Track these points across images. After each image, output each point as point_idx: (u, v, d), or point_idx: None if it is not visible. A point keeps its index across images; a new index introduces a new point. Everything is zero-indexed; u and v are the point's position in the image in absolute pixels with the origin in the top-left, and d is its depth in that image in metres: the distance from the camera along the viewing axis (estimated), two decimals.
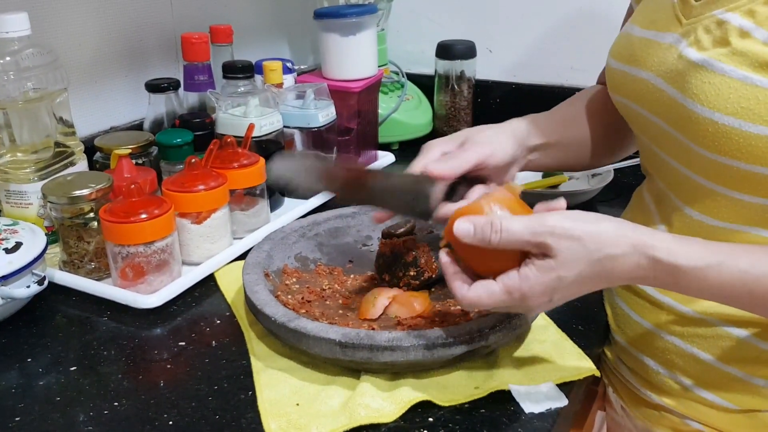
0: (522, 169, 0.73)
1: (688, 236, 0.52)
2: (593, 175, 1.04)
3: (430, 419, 0.56)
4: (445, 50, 1.24)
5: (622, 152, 0.80)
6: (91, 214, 0.75)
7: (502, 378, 0.60)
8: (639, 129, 0.66)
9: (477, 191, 0.63)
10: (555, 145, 0.74)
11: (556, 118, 0.76)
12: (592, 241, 0.50)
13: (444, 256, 0.56)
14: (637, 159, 0.73)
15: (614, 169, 1.02)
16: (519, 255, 0.52)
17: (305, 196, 0.97)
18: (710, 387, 0.63)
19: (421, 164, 0.65)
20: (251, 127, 0.88)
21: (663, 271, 0.51)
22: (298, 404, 0.57)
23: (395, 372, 0.60)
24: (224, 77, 0.98)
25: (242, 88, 0.96)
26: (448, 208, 0.61)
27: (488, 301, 0.53)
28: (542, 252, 0.51)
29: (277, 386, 0.60)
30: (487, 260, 0.53)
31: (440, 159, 0.65)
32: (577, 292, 0.53)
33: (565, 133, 0.75)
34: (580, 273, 0.50)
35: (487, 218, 0.52)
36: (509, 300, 0.52)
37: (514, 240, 0.51)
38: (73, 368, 0.64)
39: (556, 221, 0.51)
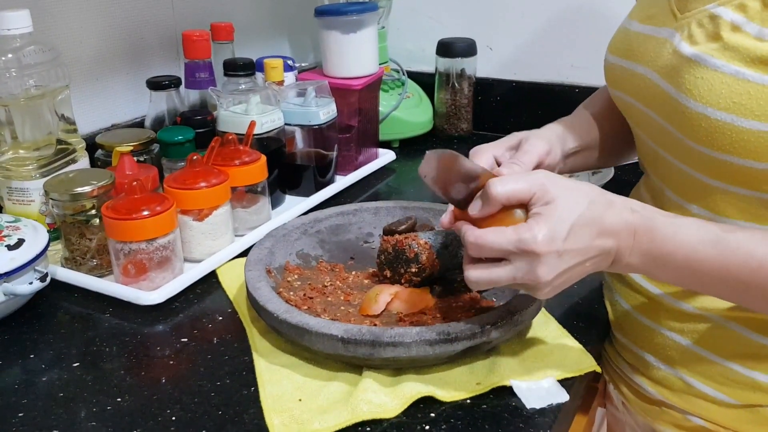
0: None
1: None
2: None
3: (432, 414, 0.56)
4: (446, 48, 1.24)
5: (633, 153, 0.80)
6: (93, 211, 0.76)
7: (503, 374, 0.60)
8: (636, 124, 0.67)
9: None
10: (586, 149, 0.74)
11: (584, 121, 0.76)
12: (580, 192, 0.53)
13: (459, 223, 0.56)
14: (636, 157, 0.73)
15: (614, 167, 1.02)
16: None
17: (308, 192, 0.98)
18: (711, 382, 0.63)
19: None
20: (252, 124, 0.88)
21: (641, 224, 0.53)
22: (300, 400, 0.58)
23: (397, 368, 0.60)
24: (225, 75, 0.98)
25: (243, 86, 0.97)
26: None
27: (493, 236, 0.52)
28: (542, 200, 0.52)
29: (280, 382, 0.60)
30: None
31: (505, 165, 0.64)
32: (581, 244, 0.52)
33: (591, 137, 0.75)
34: (579, 216, 0.51)
35: (489, 182, 0.54)
36: (516, 241, 0.51)
37: (516, 187, 0.53)
38: (75, 364, 0.64)
39: (546, 174, 0.54)
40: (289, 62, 1.08)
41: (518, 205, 0.53)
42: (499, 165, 0.66)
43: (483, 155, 0.66)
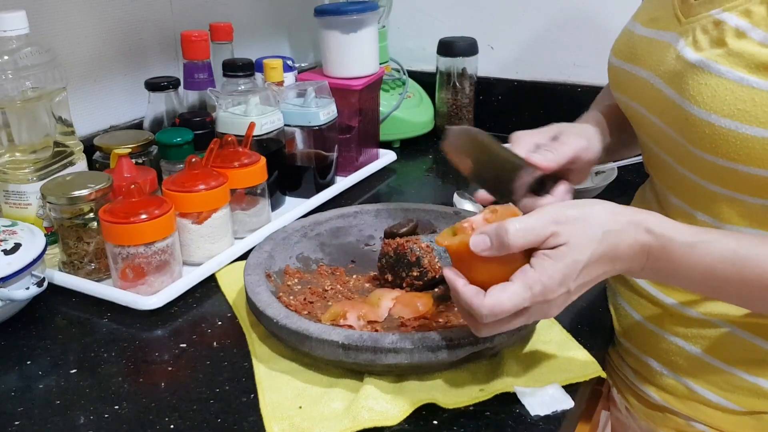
0: None
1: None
2: (597, 173, 1.03)
3: (435, 422, 0.56)
4: (447, 47, 1.23)
5: (632, 149, 0.79)
6: (91, 215, 0.75)
7: (507, 380, 0.59)
8: (639, 128, 0.66)
9: (562, 188, 0.63)
10: (613, 143, 0.73)
11: (603, 119, 0.74)
12: (594, 221, 0.51)
13: (449, 271, 0.53)
14: (640, 157, 0.72)
15: (618, 167, 1.01)
16: (525, 260, 0.51)
17: (308, 194, 0.97)
18: (715, 388, 0.62)
19: (521, 151, 0.63)
20: (252, 125, 0.87)
21: (656, 246, 0.51)
22: (300, 407, 0.57)
23: (399, 374, 0.59)
24: (224, 75, 0.97)
25: (243, 87, 0.96)
26: (532, 201, 0.62)
27: (508, 302, 0.49)
28: (552, 244, 0.50)
29: (280, 389, 0.59)
30: (494, 272, 0.51)
31: (540, 151, 0.63)
32: (590, 277, 0.51)
33: (608, 133, 0.73)
34: (592, 254, 0.50)
35: (497, 224, 0.50)
36: (530, 297, 0.49)
37: (529, 236, 0.49)
38: (73, 371, 0.63)
39: (557, 210, 0.51)
40: (289, 62, 1.07)
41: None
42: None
43: (524, 140, 0.65)
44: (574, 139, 0.65)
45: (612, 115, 0.74)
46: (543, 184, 0.63)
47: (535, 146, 0.65)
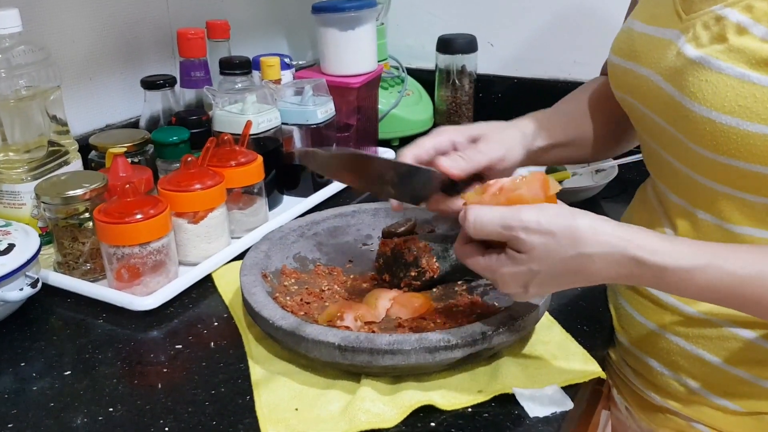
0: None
1: (672, 236, 0.53)
2: (597, 171, 1.02)
3: (432, 424, 0.55)
4: (446, 44, 1.22)
5: (626, 144, 0.78)
6: (86, 215, 0.74)
7: (505, 381, 0.58)
8: (640, 126, 0.65)
9: (477, 188, 0.61)
10: (559, 145, 0.72)
11: (561, 117, 0.74)
12: (566, 237, 0.49)
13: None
14: (641, 154, 0.71)
15: (618, 165, 1.00)
16: None
17: (307, 193, 0.96)
18: (716, 389, 0.62)
19: (429, 146, 0.63)
20: (249, 124, 0.86)
21: (647, 272, 0.49)
22: (297, 409, 0.56)
23: (396, 375, 0.59)
24: (221, 73, 0.96)
25: (239, 85, 0.95)
26: (440, 205, 0.63)
27: (471, 263, 0.55)
28: (514, 247, 0.51)
29: (276, 390, 0.58)
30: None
31: (452, 156, 0.62)
32: (555, 286, 0.54)
33: (570, 131, 0.73)
34: (552, 268, 0.50)
35: (467, 207, 0.53)
36: (488, 275, 0.54)
37: (485, 232, 0.52)
38: (67, 372, 0.62)
39: (530, 216, 0.50)
40: (286, 60, 1.06)
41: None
42: (455, 150, 0.64)
43: (442, 136, 0.65)
44: (493, 147, 0.64)
45: (580, 111, 0.74)
46: (454, 185, 0.62)
47: (452, 144, 0.64)
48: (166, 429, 0.55)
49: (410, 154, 0.63)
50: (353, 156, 0.57)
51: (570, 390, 0.58)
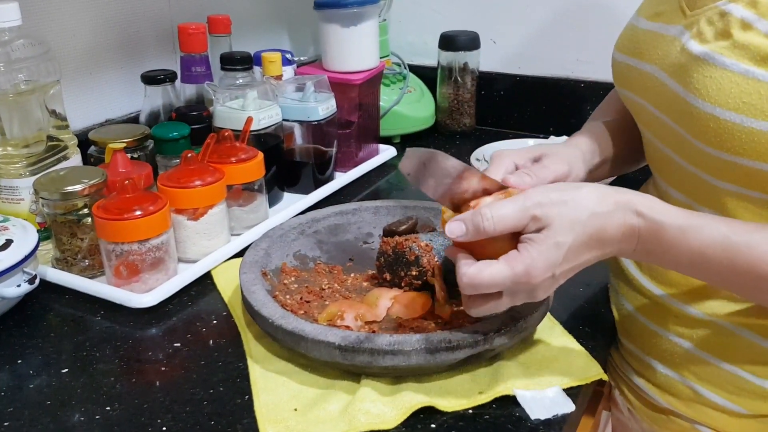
0: None
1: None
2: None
3: (433, 425, 0.54)
4: (448, 41, 1.22)
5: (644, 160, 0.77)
6: (85, 210, 0.73)
7: (507, 382, 0.58)
8: (643, 123, 0.64)
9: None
10: (605, 162, 0.71)
11: (602, 134, 0.72)
12: (579, 204, 0.51)
13: (450, 248, 0.55)
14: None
15: None
16: (515, 242, 0.51)
17: (307, 190, 0.96)
18: (720, 390, 0.61)
19: (496, 175, 0.61)
20: (249, 120, 0.86)
21: (646, 229, 0.51)
22: (296, 409, 0.56)
23: (397, 376, 0.58)
24: (222, 69, 0.96)
25: (240, 80, 0.94)
26: None
27: (488, 276, 0.50)
28: (536, 227, 0.51)
29: (275, 390, 0.58)
30: (487, 255, 0.52)
31: (518, 173, 0.61)
32: (577, 261, 0.52)
33: (609, 148, 0.72)
34: (576, 237, 0.50)
35: (472, 211, 0.52)
36: (511, 276, 0.50)
37: (506, 221, 0.50)
38: (64, 370, 0.62)
39: (540, 194, 0.51)
40: (288, 56, 1.05)
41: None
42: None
43: (504, 160, 0.63)
44: (557, 165, 0.63)
45: (615, 128, 0.72)
46: None
47: (515, 167, 0.63)
48: (164, 429, 0.54)
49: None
50: (435, 157, 0.55)
51: (572, 392, 0.58)
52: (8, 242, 0.68)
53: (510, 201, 0.51)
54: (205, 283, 0.76)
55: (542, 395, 0.57)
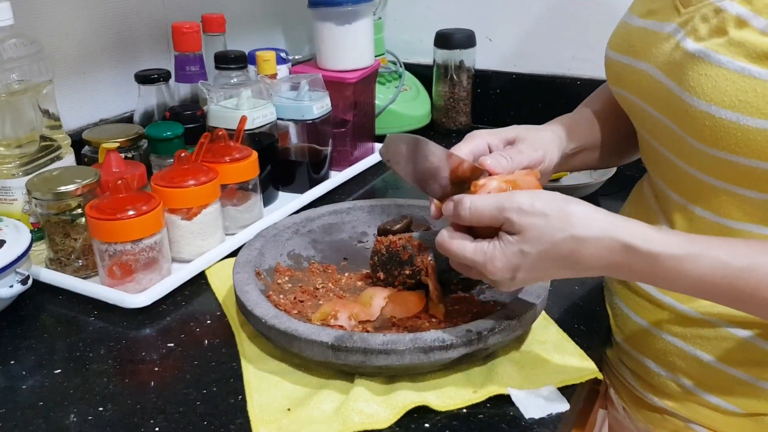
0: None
1: (666, 228, 0.52)
2: (595, 168, 1.01)
3: (427, 425, 0.54)
4: (444, 39, 1.21)
5: (634, 153, 0.77)
6: (79, 210, 0.73)
7: (501, 381, 0.58)
8: (638, 122, 0.64)
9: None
10: (585, 149, 0.71)
11: (586, 122, 0.73)
12: (559, 220, 0.50)
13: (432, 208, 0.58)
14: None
15: None
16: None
17: (302, 189, 0.95)
18: (714, 390, 0.61)
19: (467, 151, 0.62)
20: (243, 119, 0.85)
21: (638, 259, 0.49)
22: (289, 409, 0.55)
23: (390, 375, 0.58)
24: (216, 68, 0.95)
25: (235, 79, 0.94)
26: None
27: (455, 247, 0.54)
28: (507, 230, 0.51)
29: (268, 390, 0.58)
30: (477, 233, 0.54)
31: (494, 155, 0.61)
32: (543, 274, 0.52)
33: (594, 136, 0.72)
34: (544, 252, 0.50)
35: (459, 196, 0.53)
36: (472, 261, 0.53)
37: (481, 216, 0.52)
38: (57, 371, 0.62)
39: (525, 198, 0.51)
40: (282, 55, 1.05)
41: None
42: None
43: (477, 140, 0.63)
44: (531, 151, 0.63)
45: (601, 117, 0.72)
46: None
47: (488, 147, 0.63)
48: (156, 429, 0.54)
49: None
50: (417, 142, 0.55)
51: (566, 390, 0.58)
52: (1, 243, 0.68)
53: (493, 197, 0.52)
54: (199, 283, 0.76)
55: (537, 394, 0.57)
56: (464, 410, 0.56)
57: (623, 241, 0.49)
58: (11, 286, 0.66)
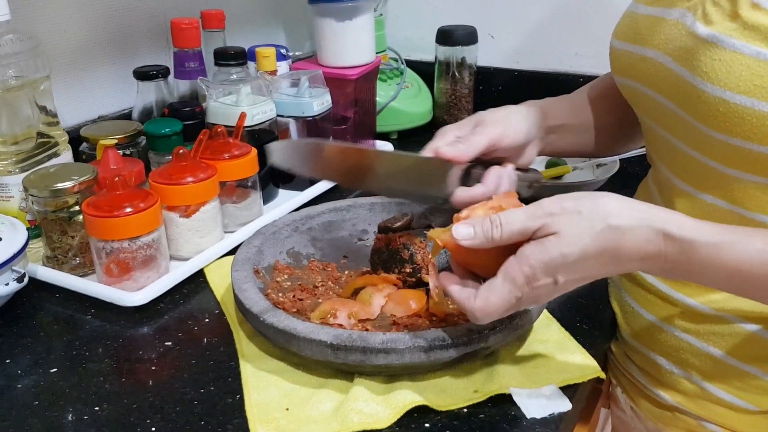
0: (539, 153, 0.69)
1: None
2: (598, 166, 1.01)
3: (427, 425, 0.54)
4: (446, 36, 1.20)
5: (631, 143, 0.77)
6: (76, 208, 0.72)
7: (502, 381, 0.57)
8: (645, 112, 0.63)
9: (493, 173, 0.61)
10: (570, 128, 0.71)
11: (569, 102, 0.73)
12: (594, 213, 0.47)
13: (442, 277, 0.53)
14: (644, 149, 0.70)
15: (620, 159, 0.99)
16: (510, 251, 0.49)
17: (302, 186, 0.94)
18: (728, 387, 0.60)
19: (432, 147, 0.62)
20: (243, 116, 0.85)
21: (674, 248, 0.47)
22: (287, 409, 0.55)
23: (390, 375, 0.57)
24: (216, 64, 0.95)
25: (234, 76, 0.93)
26: (464, 193, 0.60)
27: (496, 299, 0.48)
28: (541, 234, 0.48)
29: (267, 389, 0.57)
30: (490, 263, 0.50)
31: (453, 142, 0.61)
32: (585, 274, 0.48)
33: (580, 116, 0.72)
34: (584, 248, 0.47)
35: (484, 217, 0.50)
36: (514, 289, 0.48)
37: (515, 229, 0.48)
38: (53, 370, 0.61)
39: (554, 203, 0.48)
40: (283, 51, 1.04)
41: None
42: None
43: (446, 135, 0.63)
44: (489, 128, 0.63)
45: (595, 99, 0.72)
46: (469, 174, 0.62)
47: (457, 138, 0.63)
48: (153, 429, 0.53)
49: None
50: (356, 151, 0.55)
51: (568, 390, 0.57)
52: None
53: (521, 209, 0.49)
54: (197, 281, 0.75)
55: (538, 393, 0.56)
56: (465, 410, 0.55)
57: (659, 228, 0.47)
58: (7, 284, 0.66)
